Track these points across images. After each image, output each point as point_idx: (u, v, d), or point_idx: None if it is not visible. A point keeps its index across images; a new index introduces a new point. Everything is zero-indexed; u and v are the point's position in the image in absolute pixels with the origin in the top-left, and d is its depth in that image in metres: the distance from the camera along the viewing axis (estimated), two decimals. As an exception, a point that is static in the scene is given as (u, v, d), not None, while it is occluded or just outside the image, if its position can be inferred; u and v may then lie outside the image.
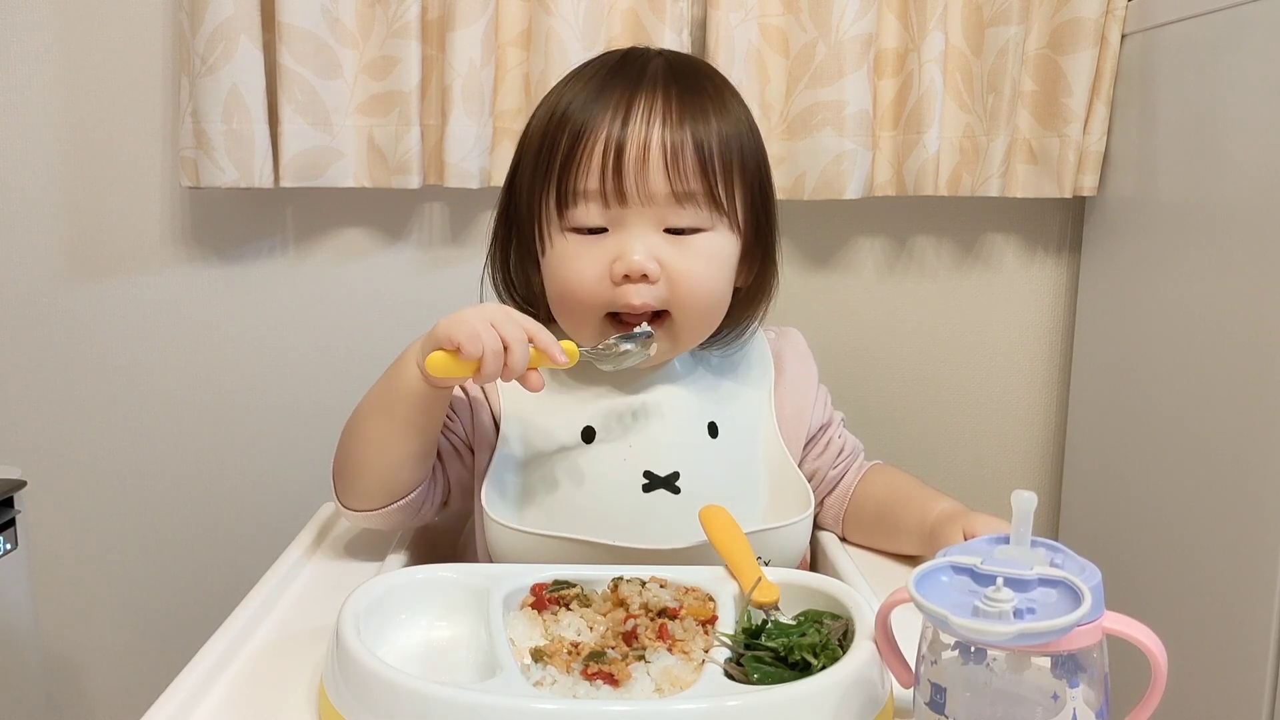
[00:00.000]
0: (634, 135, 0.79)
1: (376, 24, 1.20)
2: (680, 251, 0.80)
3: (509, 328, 0.74)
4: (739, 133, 0.83)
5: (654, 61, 0.84)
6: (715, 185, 0.80)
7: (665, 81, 0.81)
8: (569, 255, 0.81)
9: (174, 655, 0.66)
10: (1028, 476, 1.40)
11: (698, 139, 0.80)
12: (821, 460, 0.92)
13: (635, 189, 0.78)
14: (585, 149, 0.79)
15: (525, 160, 0.84)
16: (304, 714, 0.61)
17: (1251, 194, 0.99)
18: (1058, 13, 1.23)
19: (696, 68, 0.86)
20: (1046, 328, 1.37)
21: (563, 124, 0.81)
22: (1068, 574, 0.49)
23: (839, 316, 1.36)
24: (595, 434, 0.83)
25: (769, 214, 0.86)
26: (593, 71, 0.83)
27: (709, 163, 0.80)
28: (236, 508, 1.35)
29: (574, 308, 0.82)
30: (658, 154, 0.78)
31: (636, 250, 0.79)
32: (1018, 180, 1.27)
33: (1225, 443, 1.01)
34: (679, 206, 0.79)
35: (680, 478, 0.82)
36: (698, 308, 0.82)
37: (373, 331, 1.32)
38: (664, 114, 0.79)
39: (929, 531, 0.83)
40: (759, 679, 0.58)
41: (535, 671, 0.59)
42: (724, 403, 0.87)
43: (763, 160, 0.86)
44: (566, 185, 0.80)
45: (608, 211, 0.79)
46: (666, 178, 0.79)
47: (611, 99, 0.80)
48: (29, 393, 1.31)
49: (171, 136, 1.26)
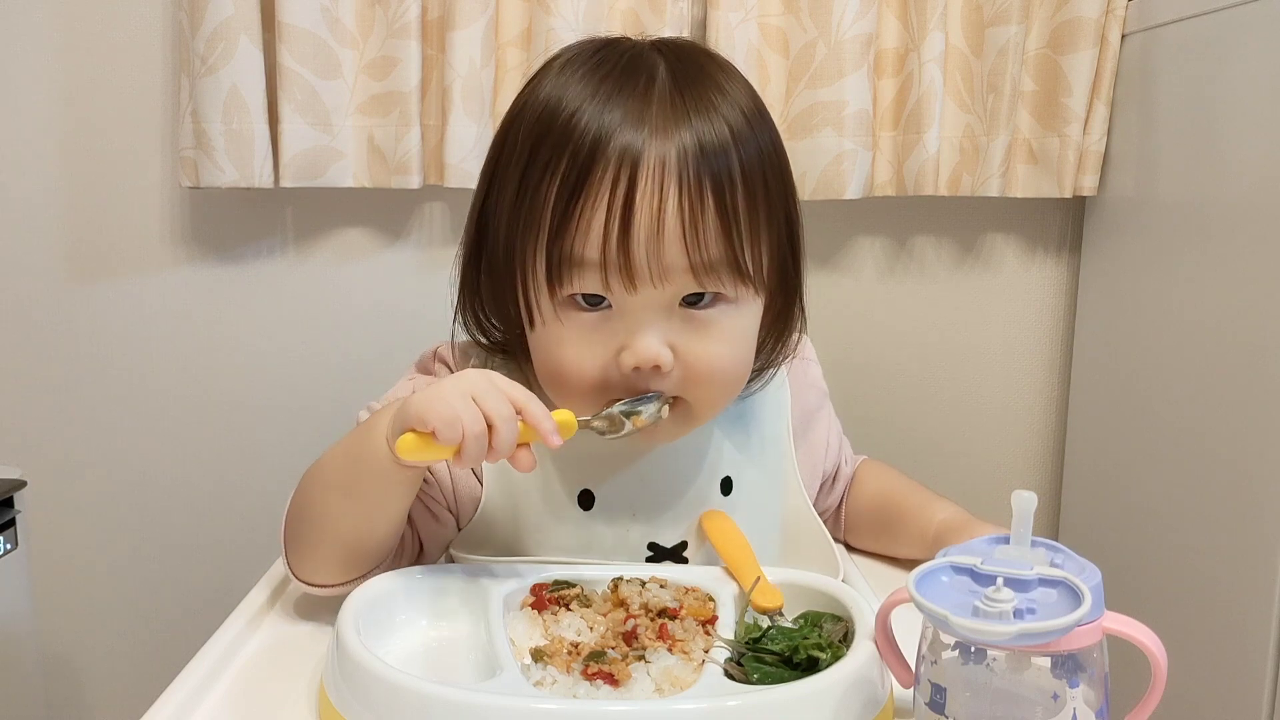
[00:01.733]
0: (644, 198, 0.64)
1: (376, 24, 1.20)
2: (698, 334, 0.68)
3: (492, 402, 0.61)
4: (764, 161, 0.69)
5: (657, 72, 0.69)
6: (741, 253, 0.67)
7: (675, 109, 0.66)
8: (565, 339, 0.68)
9: (174, 655, 0.66)
10: (1028, 476, 1.40)
11: (720, 194, 0.65)
12: (832, 496, 0.88)
13: (647, 267, 0.65)
14: (583, 216, 0.65)
15: (501, 201, 0.69)
16: (304, 714, 0.61)
17: (1251, 194, 0.99)
18: (1058, 13, 1.23)
19: (702, 73, 0.70)
20: (1046, 328, 1.37)
21: (551, 171, 0.65)
22: (1068, 574, 0.49)
23: (839, 316, 1.36)
24: (594, 500, 0.74)
25: (795, 252, 0.73)
26: (585, 86, 0.67)
27: (734, 225, 0.66)
28: (236, 507, 1.35)
29: (569, 391, 0.70)
30: (674, 221, 0.64)
31: (648, 341, 0.66)
32: (1018, 180, 1.27)
33: (1225, 442, 1.01)
34: (697, 280, 0.66)
35: (689, 548, 0.75)
36: (717, 394, 0.71)
37: (373, 331, 1.32)
38: (680, 163, 0.65)
39: (931, 543, 0.79)
40: (759, 679, 0.58)
41: (535, 671, 0.59)
42: (740, 453, 0.78)
43: (789, 184, 0.73)
44: (560, 252, 0.66)
45: (612, 293, 0.66)
46: (684, 250, 0.65)
47: (614, 139, 0.64)
48: (29, 393, 1.31)
49: (171, 136, 1.26)
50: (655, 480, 0.75)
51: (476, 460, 0.62)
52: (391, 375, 0.87)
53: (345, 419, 0.82)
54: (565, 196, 0.65)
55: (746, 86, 0.72)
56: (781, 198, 0.71)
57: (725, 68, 0.73)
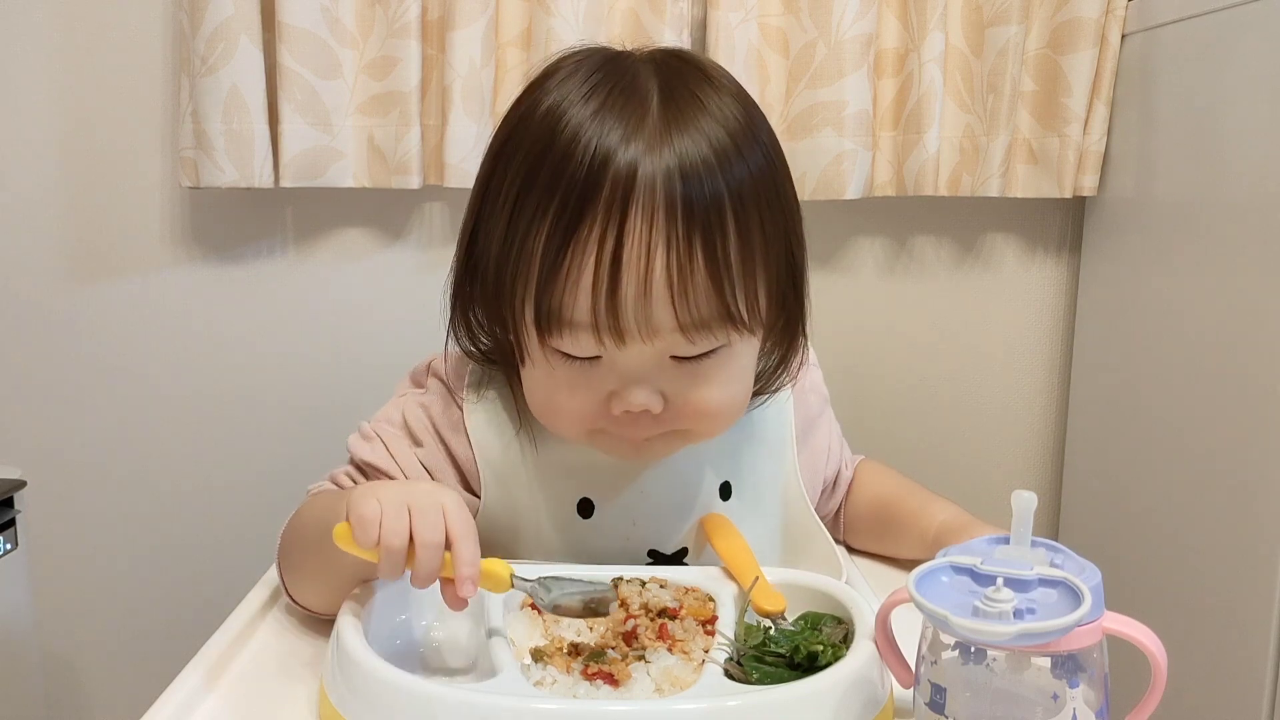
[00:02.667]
0: (632, 258, 0.61)
1: (376, 24, 1.20)
2: (689, 380, 0.67)
3: (425, 524, 0.57)
4: (759, 192, 0.65)
5: (651, 106, 0.64)
6: (734, 303, 0.64)
7: (665, 146, 0.62)
8: (557, 384, 0.67)
9: (174, 655, 0.66)
10: (1028, 476, 1.40)
11: (710, 248, 0.62)
12: (833, 500, 0.88)
13: (635, 327, 0.63)
14: (571, 271, 0.62)
15: (491, 231, 0.67)
16: (304, 714, 0.61)
17: (1251, 194, 0.99)
18: (1058, 13, 1.23)
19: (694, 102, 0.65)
20: (1046, 328, 1.37)
21: (538, 215, 0.63)
22: (1068, 574, 0.49)
23: (839, 316, 1.36)
24: (594, 509, 0.74)
25: (796, 283, 0.71)
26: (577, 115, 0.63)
27: (725, 277, 0.63)
28: (236, 507, 1.35)
29: (559, 429, 0.70)
30: (661, 282, 0.62)
31: (638, 393, 0.66)
32: (1018, 180, 1.27)
33: (1225, 442, 1.01)
34: (687, 339, 0.65)
35: (689, 554, 0.75)
36: (712, 425, 0.70)
37: (372, 331, 1.32)
38: (667, 215, 0.61)
39: (930, 544, 0.79)
40: (759, 679, 0.58)
41: (535, 671, 0.59)
42: (739, 456, 0.77)
43: (788, 208, 0.69)
44: (549, 308, 0.64)
45: (602, 347, 0.64)
46: (673, 311, 0.63)
47: (602, 191, 0.61)
48: (29, 393, 1.31)
49: (171, 136, 1.26)
50: (656, 489, 0.75)
51: (392, 575, 0.58)
52: (391, 376, 0.87)
53: (345, 419, 0.82)
54: (555, 247, 0.62)
55: (738, 104, 0.67)
56: (780, 227, 0.68)
57: (719, 86, 0.68)
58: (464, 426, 0.75)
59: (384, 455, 0.75)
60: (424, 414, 0.76)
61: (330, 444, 0.83)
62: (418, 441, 0.76)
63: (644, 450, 0.70)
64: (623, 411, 0.66)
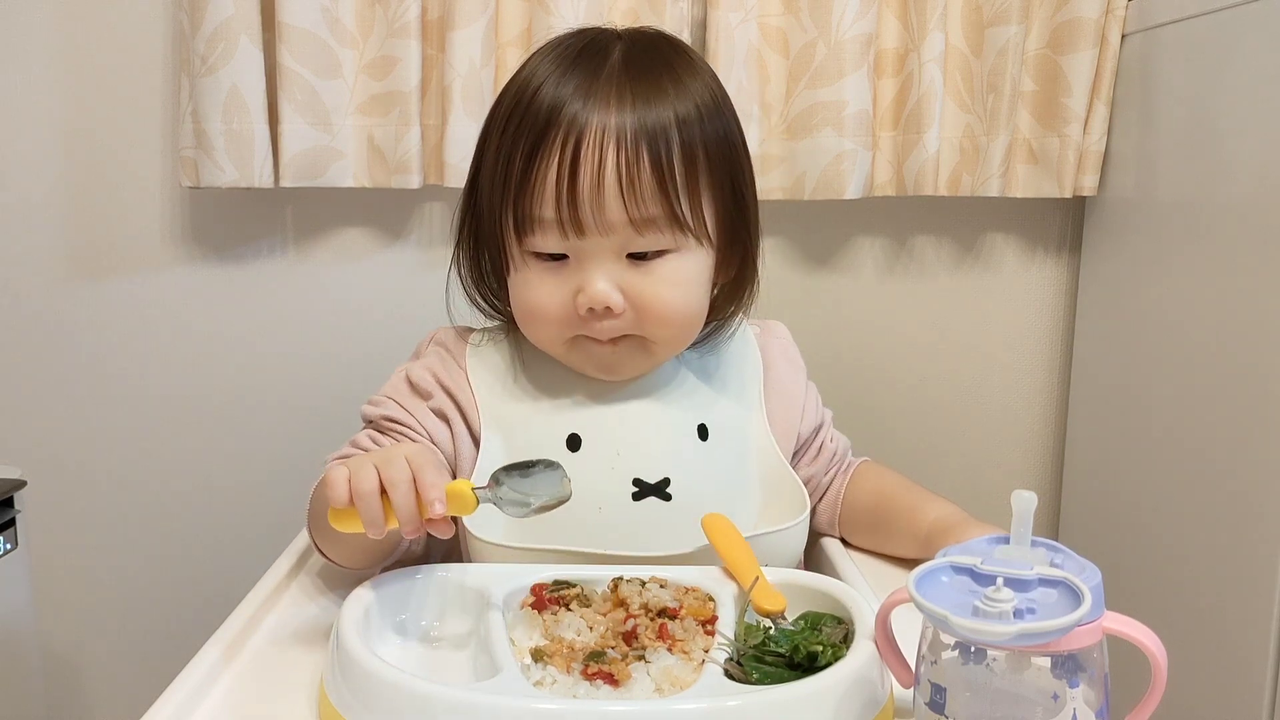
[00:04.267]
0: (587, 159, 0.74)
1: (376, 24, 1.20)
2: (645, 278, 0.77)
3: (392, 469, 0.64)
4: (704, 128, 0.77)
5: (612, 55, 0.78)
6: (679, 205, 0.76)
7: (620, 83, 0.76)
8: (532, 282, 0.79)
9: (174, 655, 0.66)
10: (1028, 476, 1.40)
11: (655, 154, 0.74)
12: (815, 466, 0.91)
13: (592, 219, 0.74)
14: (539, 173, 0.75)
15: (485, 165, 0.80)
16: (304, 714, 0.61)
17: (1251, 194, 0.99)
18: (1058, 13, 1.23)
19: (655, 54, 0.79)
20: (1046, 328, 1.37)
21: (517, 138, 0.76)
22: (1068, 574, 0.49)
23: (839, 316, 1.36)
24: (581, 442, 0.80)
25: (744, 212, 0.81)
26: (550, 67, 0.77)
27: (669, 181, 0.75)
28: (236, 507, 1.35)
29: (539, 332, 0.81)
30: (612, 180, 0.74)
31: (598, 284, 0.76)
32: (1018, 180, 1.27)
33: (1225, 442, 1.01)
34: (639, 234, 0.75)
35: (671, 484, 0.79)
36: (669, 331, 0.80)
37: (373, 331, 1.32)
38: (618, 129, 0.74)
39: (923, 541, 0.81)
40: (759, 679, 0.58)
41: (535, 671, 0.59)
42: (713, 403, 0.85)
43: (734, 151, 0.80)
44: (523, 210, 0.76)
45: (566, 241, 0.76)
46: (623, 205, 0.74)
47: (564, 110, 0.74)
48: (29, 393, 1.31)
49: (171, 136, 1.26)
50: (636, 421, 0.82)
51: (375, 524, 0.63)
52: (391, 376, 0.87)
53: (345, 418, 0.83)
54: (526, 157, 0.75)
55: (705, 74, 0.81)
56: (726, 165, 0.79)
57: (683, 54, 0.81)
58: (466, 374, 0.84)
59: (398, 409, 0.83)
60: (427, 371, 0.85)
61: (330, 443, 0.83)
62: (426, 395, 0.84)
63: (613, 363, 0.80)
64: (588, 310, 0.76)
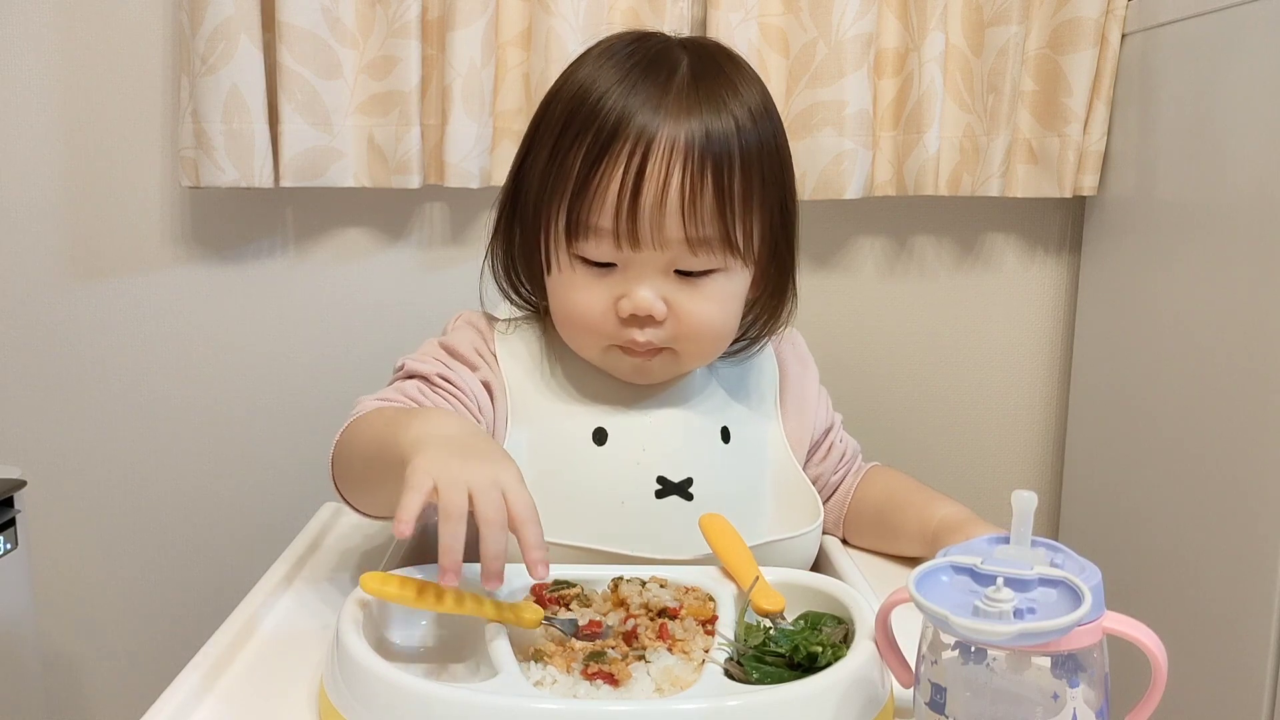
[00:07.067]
0: (653, 174, 0.74)
1: (376, 24, 1.20)
2: (690, 294, 0.78)
3: (487, 503, 0.59)
4: (762, 150, 0.78)
5: (680, 68, 0.78)
6: (733, 229, 0.77)
7: (690, 99, 0.76)
8: (576, 284, 0.79)
9: (174, 655, 0.66)
10: (1028, 476, 1.40)
11: (719, 176, 0.75)
12: (824, 466, 0.92)
13: (650, 234, 0.75)
14: (601, 182, 0.75)
15: (535, 162, 0.80)
16: (304, 714, 0.61)
17: (1251, 194, 0.99)
18: (1058, 13, 1.23)
19: (718, 69, 0.80)
20: (1046, 328, 1.37)
21: (578, 142, 0.76)
22: (1068, 574, 0.49)
23: (839, 316, 1.36)
24: (607, 436, 0.81)
25: (788, 232, 0.83)
26: (615, 74, 0.77)
27: (728, 205, 0.76)
28: (236, 507, 1.35)
29: (577, 335, 0.82)
30: (675, 198, 0.74)
31: (645, 292, 0.77)
32: (1018, 180, 1.27)
33: (1225, 442, 1.01)
34: (692, 253, 0.76)
35: (694, 484, 0.80)
36: (703, 346, 0.81)
37: (373, 332, 1.32)
38: (686, 147, 0.74)
39: (930, 539, 0.82)
40: (759, 679, 0.58)
41: (535, 671, 0.59)
42: (734, 409, 0.86)
43: (784, 171, 0.82)
44: (578, 216, 0.76)
45: (619, 252, 0.76)
46: (682, 224, 0.75)
47: (633, 121, 0.75)
48: (29, 393, 1.31)
49: (171, 136, 1.26)
50: (662, 421, 0.83)
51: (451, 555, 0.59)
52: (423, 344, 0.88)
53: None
54: (588, 164, 0.75)
55: (760, 88, 0.81)
56: (777, 187, 0.80)
57: (742, 70, 0.82)
58: (497, 359, 0.85)
59: (449, 371, 0.82)
60: (469, 344, 0.85)
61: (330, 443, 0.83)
62: (472, 365, 0.84)
63: (645, 370, 0.81)
64: (629, 315, 0.77)
